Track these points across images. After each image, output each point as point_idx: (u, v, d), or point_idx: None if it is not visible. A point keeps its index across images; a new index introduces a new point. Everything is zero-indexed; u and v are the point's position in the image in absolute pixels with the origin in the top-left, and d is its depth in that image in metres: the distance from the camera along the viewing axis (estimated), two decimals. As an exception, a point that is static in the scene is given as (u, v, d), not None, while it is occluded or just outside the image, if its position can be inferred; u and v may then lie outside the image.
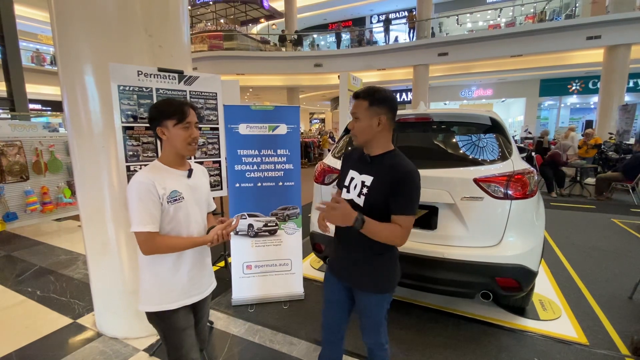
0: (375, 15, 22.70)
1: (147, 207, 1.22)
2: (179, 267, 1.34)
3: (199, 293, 1.43)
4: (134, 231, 1.23)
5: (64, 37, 1.99)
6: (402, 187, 1.28)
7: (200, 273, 1.43)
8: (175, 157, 1.34)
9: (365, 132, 1.35)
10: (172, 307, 1.33)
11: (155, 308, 1.32)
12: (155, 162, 1.35)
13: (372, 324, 1.46)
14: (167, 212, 1.28)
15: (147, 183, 1.23)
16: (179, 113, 1.26)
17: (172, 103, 1.29)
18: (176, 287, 1.34)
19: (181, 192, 1.31)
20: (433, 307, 2.65)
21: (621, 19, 10.67)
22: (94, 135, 2.04)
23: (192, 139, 1.30)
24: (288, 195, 2.71)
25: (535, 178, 2.16)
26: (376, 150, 1.38)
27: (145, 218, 1.22)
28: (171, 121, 1.26)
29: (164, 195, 1.26)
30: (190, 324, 1.39)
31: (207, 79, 2.20)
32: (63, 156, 4.77)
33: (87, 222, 2.22)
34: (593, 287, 2.97)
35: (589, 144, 8.01)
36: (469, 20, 15.56)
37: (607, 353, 2.11)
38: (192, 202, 1.36)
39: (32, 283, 3.14)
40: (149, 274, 1.34)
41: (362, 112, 1.33)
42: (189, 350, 1.36)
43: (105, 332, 2.33)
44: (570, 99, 17.93)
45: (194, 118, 1.32)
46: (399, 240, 1.30)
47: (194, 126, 1.32)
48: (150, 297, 1.33)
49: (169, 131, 1.28)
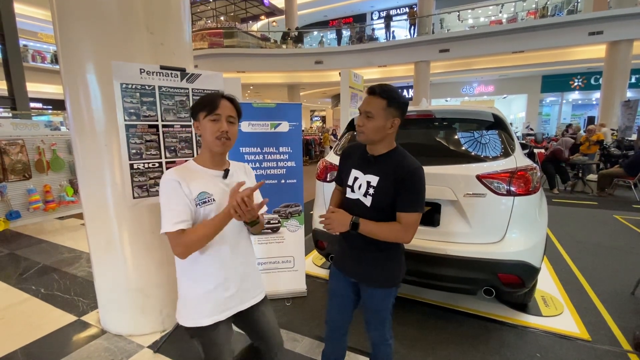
0: (376, 11, 22.60)
1: (171, 206, 1.14)
2: (214, 275, 1.24)
3: (239, 304, 1.31)
4: (162, 232, 1.15)
5: (66, 36, 1.99)
6: (407, 184, 1.29)
7: (239, 284, 1.30)
8: (210, 155, 1.25)
9: (377, 131, 1.31)
10: (207, 323, 1.24)
11: (192, 323, 1.24)
12: (188, 162, 1.26)
13: (377, 319, 1.47)
14: (196, 215, 1.18)
15: (171, 180, 1.15)
16: (209, 104, 1.19)
17: (209, 95, 1.22)
18: (210, 301, 1.24)
19: (212, 194, 1.20)
20: (436, 304, 2.66)
21: (623, 14, 10.61)
22: (96, 133, 2.04)
23: (221, 133, 1.18)
24: (290, 192, 2.72)
25: (538, 174, 2.16)
26: (381, 150, 1.37)
27: (169, 218, 1.13)
28: (202, 113, 1.19)
29: (192, 197, 1.17)
30: (228, 339, 1.31)
31: (210, 77, 2.19)
32: (65, 155, 4.78)
33: (91, 220, 2.22)
34: (595, 283, 2.97)
35: (591, 140, 7.98)
36: (470, 16, 15.47)
37: (609, 349, 2.11)
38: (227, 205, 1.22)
39: (36, 281, 3.16)
40: (184, 285, 1.27)
41: (377, 111, 1.28)
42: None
43: (109, 329, 2.35)
44: (572, 95, 17.87)
45: (226, 111, 1.21)
46: (401, 237, 1.31)
47: (226, 119, 1.20)
48: (188, 311, 1.25)
49: (201, 124, 1.21)
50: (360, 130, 1.34)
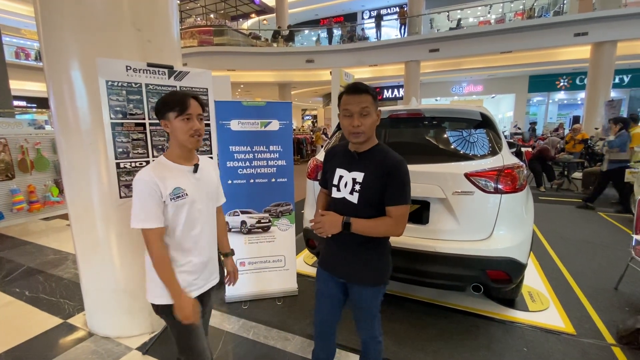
0: (366, 10, 22.64)
1: (147, 204, 1.22)
2: (186, 261, 1.33)
3: (201, 287, 1.40)
4: (132, 227, 1.24)
5: (50, 32, 1.94)
6: (393, 178, 1.31)
7: (205, 267, 1.41)
8: (180, 151, 1.32)
9: (372, 127, 1.35)
10: None
11: (165, 301, 1.29)
12: (160, 158, 1.32)
13: (366, 317, 1.48)
14: (170, 210, 1.26)
15: (149, 181, 1.22)
16: (179, 105, 1.24)
17: (175, 95, 1.27)
18: (181, 280, 1.32)
19: (185, 189, 1.28)
20: (425, 301, 2.69)
21: (607, 16, 10.84)
22: (81, 132, 2.00)
23: (194, 131, 1.27)
24: (281, 191, 2.71)
25: (524, 172, 2.20)
26: (366, 146, 1.38)
27: (141, 215, 1.22)
28: (173, 113, 1.24)
29: (167, 193, 1.24)
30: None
31: (198, 74, 2.17)
32: (50, 154, 4.67)
33: (76, 220, 2.18)
34: (580, 279, 3.04)
35: (576, 139, 8.16)
36: (459, 17, 15.63)
37: (594, 342, 2.17)
38: (199, 197, 1.34)
39: (21, 283, 3.08)
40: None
41: (370, 107, 1.31)
42: (197, 342, 1.35)
43: (96, 331, 2.31)
44: (558, 94, 18.22)
45: (196, 110, 1.28)
46: (394, 230, 1.33)
47: (196, 118, 1.28)
48: (161, 289, 1.30)
49: (172, 124, 1.26)
50: (359, 130, 1.31)
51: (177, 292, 1.26)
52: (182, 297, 1.26)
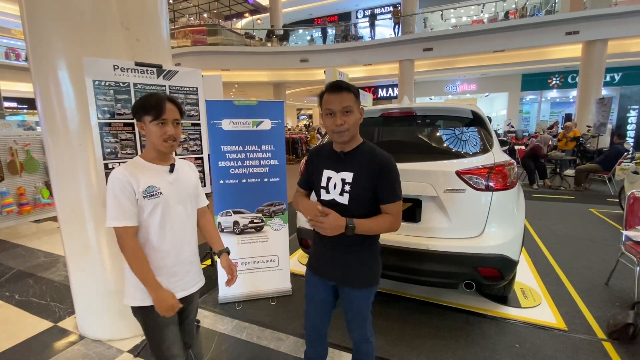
0: (360, 10, 22.66)
1: (120, 202, 1.22)
2: (163, 263, 1.32)
3: (183, 289, 1.39)
4: (107, 226, 1.24)
5: (35, 31, 1.91)
6: (385, 177, 1.30)
7: (184, 269, 1.39)
8: (156, 153, 1.32)
9: (356, 125, 1.33)
10: (151, 303, 1.29)
11: (138, 303, 1.30)
12: (136, 158, 1.33)
13: (358, 319, 1.47)
14: (144, 208, 1.26)
15: (122, 179, 1.22)
16: (155, 109, 1.23)
17: (150, 98, 1.26)
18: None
19: (159, 188, 1.28)
20: (418, 298, 2.70)
21: (598, 15, 10.97)
22: (69, 132, 1.97)
23: (168, 136, 1.27)
24: (274, 191, 2.70)
25: (515, 170, 2.21)
26: (352, 145, 1.36)
27: (114, 213, 1.22)
28: (148, 117, 1.24)
29: (140, 190, 1.24)
30: (173, 320, 1.37)
31: (187, 74, 2.15)
32: (40, 155, 4.61)
33: (66, 223, 2.15)
34: (571, 275, 3.07)
35: (568, 136, 8.25)
36: (452, 16, 15.72)
37: (585, 337, 2.19)
38: (175, 198, 1.33)
39: (10, 287, 3.04)
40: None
41: (353, 105, 1.29)
42: (170, 346, 1.34)
43: (87, 334, 2.28)
44: (551, 93, 18.39)
45: (172, 115, 1.27)
46: (395, 226, 1.35)
47: (172, 123, 1.27)
48: (134, 291, 1.30)
49: (147, 127, 1.26)
50: (343, 129, 1.28)
51: (155, 286, 1.25)
52: (160, 290, 1.25)
